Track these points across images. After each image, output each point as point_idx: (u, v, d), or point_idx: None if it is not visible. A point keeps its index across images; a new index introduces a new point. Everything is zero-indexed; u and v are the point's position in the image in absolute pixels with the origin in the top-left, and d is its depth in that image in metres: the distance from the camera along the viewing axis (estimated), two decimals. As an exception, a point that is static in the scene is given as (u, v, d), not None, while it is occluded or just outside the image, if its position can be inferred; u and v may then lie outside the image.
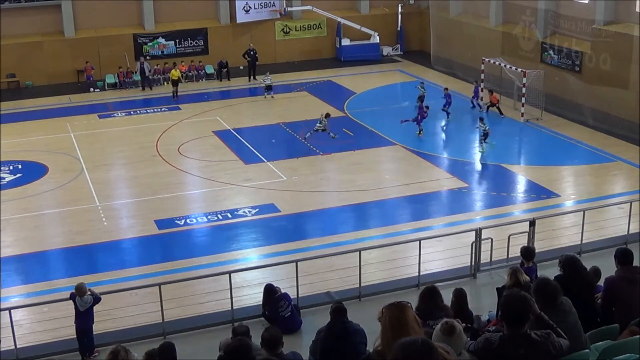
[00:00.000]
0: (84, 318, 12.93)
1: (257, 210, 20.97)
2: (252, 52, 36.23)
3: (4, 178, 23.81)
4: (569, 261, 8.90)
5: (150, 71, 35.12)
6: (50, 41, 35.31)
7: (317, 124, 26.08)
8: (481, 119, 25.77)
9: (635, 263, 9.01)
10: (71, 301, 13.08)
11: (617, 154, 25.00)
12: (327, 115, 26.64)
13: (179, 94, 33.52)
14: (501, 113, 29.24)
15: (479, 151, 25.07)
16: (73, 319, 13.14)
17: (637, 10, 27.09)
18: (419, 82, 31.58)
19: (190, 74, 36.56)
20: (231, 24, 38.18)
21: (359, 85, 34.78)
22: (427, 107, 27.44)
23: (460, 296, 10.74)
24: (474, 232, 15.42)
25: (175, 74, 34.19)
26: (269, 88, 31.66)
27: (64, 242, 19.34)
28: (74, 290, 13.03)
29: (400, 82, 32.60)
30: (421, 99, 28.38)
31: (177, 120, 30.00)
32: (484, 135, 25.23)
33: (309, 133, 26.07)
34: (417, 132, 27.09)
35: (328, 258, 16.43)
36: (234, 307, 14.06)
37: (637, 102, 26.31)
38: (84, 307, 12.88)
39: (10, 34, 34.26)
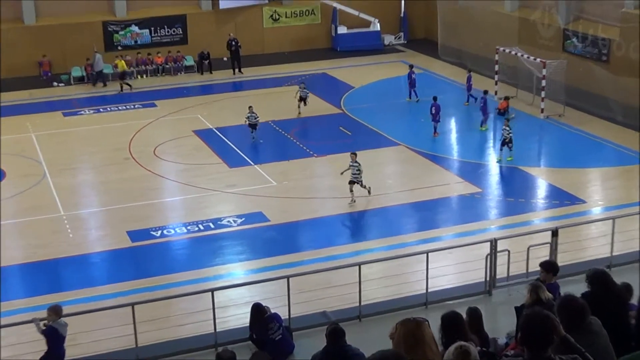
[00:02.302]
0: (62, 345, 12.71)
1: (243, 219, 20.92)
2: (233, 43, 36.18)
3: (-44, 184, 23.72)
4: (598, 276, 8.84)
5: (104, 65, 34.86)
6: (8, 29, 35.16)
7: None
8: (507, 120, 25.50)
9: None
10: (38, 329, 12.76)
11: (649, 154, 25.05)
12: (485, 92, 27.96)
13: (132, 87, 33.58)
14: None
15: (497, 159, 24.79)
16: (34, 344, 12.99)
17: (671, -8, 27.18)
18: (301, 82, 31.67)
19: (168, 66, 36.52)
20: (213, 10, 38.17)
21: (358, 79, 34.75)
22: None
23: (474, 316, 10.69)
24: (488, 244, 15.39)
25: (121, 64, 34.07)
26: (253, 127, 26.84)
27: (23, 257, 19.23)
28: (46, 318, 12.65)
29: (403, 75, 32.62)
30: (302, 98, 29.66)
31: (153, 119, 29.94)
32: (506, 141, 24.50)
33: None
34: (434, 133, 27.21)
35: (324, 273, 16.33)
36: (218, 330, 13.98)
37: (671, 95, 26.36)
38: (66, 331, 12.67)
39: (-37, 21, 34.20)
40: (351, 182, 21.43)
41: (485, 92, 28.39)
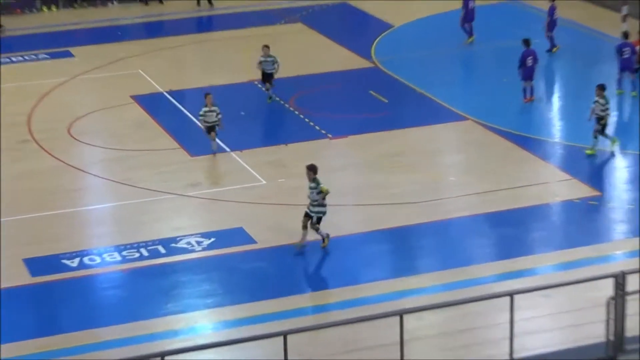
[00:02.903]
0: None
1: (212, 240, 20.95)
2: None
3: None
4: None
5: None
6: None
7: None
8: (600, 89, 25.06)
9: None
10: None
11: None
12: None
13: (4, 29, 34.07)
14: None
15: (587, 152, 24.64)
16: None
17: None
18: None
19: (91, -9, 36.71)
20: None
21: (399, 13, 35.01)
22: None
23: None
24: (611, 281, 15.29)
25: None
26: (211, 128, 25.17)
27: None
28: None
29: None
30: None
31: (68, 77, 30.11)
32: (600, 122, 24.60)
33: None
34: (525, 98, 27.56)
35: (344, 328, 16.26)
36: (172, 419, 13.97)
37: None
38: None
39: None
40: (307, 216, 20.56)
41: (626, 34, 28.34)
